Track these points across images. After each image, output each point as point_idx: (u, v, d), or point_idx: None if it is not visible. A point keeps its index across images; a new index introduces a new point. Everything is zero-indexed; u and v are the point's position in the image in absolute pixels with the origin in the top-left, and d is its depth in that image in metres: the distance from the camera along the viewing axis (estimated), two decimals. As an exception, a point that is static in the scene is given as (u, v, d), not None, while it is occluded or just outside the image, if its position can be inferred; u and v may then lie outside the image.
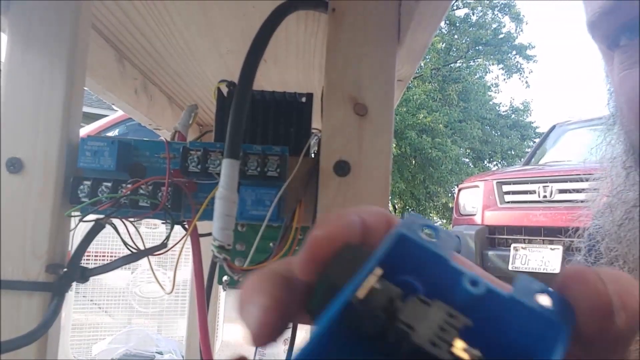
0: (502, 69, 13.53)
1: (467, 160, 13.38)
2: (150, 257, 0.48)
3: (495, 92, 14.34)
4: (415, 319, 0.17)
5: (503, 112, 14.14)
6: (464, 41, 13.29)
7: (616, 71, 0.41)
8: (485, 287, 0.18)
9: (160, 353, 2.47)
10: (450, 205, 10.88)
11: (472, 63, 13.68)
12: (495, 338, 0.18)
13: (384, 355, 0.18)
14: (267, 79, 0.76)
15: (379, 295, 0.17)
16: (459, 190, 4.05)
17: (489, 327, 0.18)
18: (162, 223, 0.48)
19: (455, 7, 12.69)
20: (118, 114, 3.70)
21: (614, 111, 0.44)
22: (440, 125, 11.36)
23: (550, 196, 3.30)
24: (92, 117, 4.27)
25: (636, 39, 0.38)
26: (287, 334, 0.43)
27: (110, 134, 3.69)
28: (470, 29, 13.29)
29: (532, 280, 0.18)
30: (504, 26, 13.51)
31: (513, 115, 14.12)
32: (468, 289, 0.18)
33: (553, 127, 4.49)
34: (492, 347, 0.18)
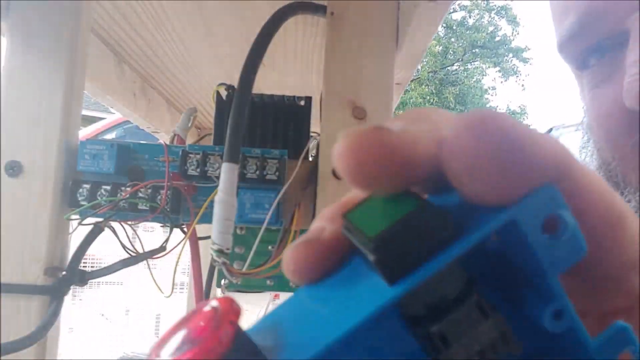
0: (499, 71, 13.57)
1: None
2: (148, 260, 0.48)
3: (492, 95, 14.36)
4: (457, 331, 0.13)
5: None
6: (460, 44, 13.33)
7: (586, 90, 0.42)
8: (568, 325, 0.14)
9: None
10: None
11: (469, 66, 13.72)
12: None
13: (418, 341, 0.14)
14: (266, 83, 0.76)
15: (433, 285, 0.13)
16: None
17: (543, 349, 0.15)
18: (161, 226, 0.48)
19: (452, 10, 12.71)
20: (115, 116, 3.70)
21: (587, 129, 0.45)
22: (437, 128, 11.33)
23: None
24: (89, 120, 4.27)
25: (604, 59, 0.39)
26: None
27: (107, 136, 3.69)
28: (467, 32, 13.33)
29: (627, 334, 0.14)
30: (501, 29, 13.56)
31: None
32: (546, 321, 0.14)
33: (549, 130, 4.50)
34: None
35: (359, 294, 0.13)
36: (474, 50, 13.44)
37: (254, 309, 1.59)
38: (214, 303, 0.13)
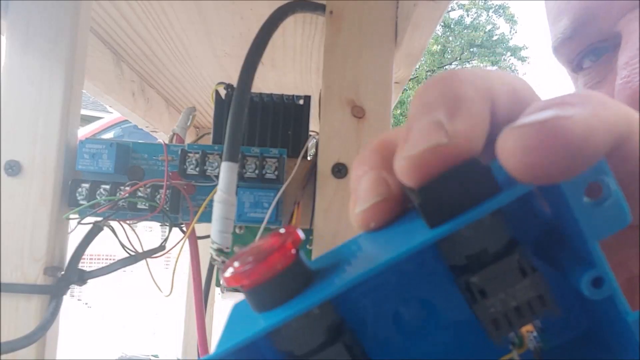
0: (497, 71, 13.56)
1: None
2: (148, 259, 0.48)
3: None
4: (495, 286, 0.14)
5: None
6: (458, 43, 13.34)
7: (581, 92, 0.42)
8: (607, 293, 0.14)
9: (156, 356, 2.47)
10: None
11: (466, 65, 13.72)
12: (579, 330, 0.16)
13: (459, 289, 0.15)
14: (265, 82, 0.76)
15: (474, 236, 0.14)
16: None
17: (580, 315, 0.16)
18: (161, 226, 0.48)
19: (449, 9, 12.73)
20: (113, 116, 3.69)
21: None
22: (436, 127, 11.33)
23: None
24: (87, 120, 4.26)
25: (598, 61, 0.39)
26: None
27: (105, 136, 3.68)
28: (465, 30, 13.34)
29: None
30: (498, 28, 13.58)
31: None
32: (584, 288, 0.14)
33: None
34: (564, 334, 0.16)
35: (404, 237, 0.14)
36: (471, 49, 13.45)
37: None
38: (281, 230, 0.15)
